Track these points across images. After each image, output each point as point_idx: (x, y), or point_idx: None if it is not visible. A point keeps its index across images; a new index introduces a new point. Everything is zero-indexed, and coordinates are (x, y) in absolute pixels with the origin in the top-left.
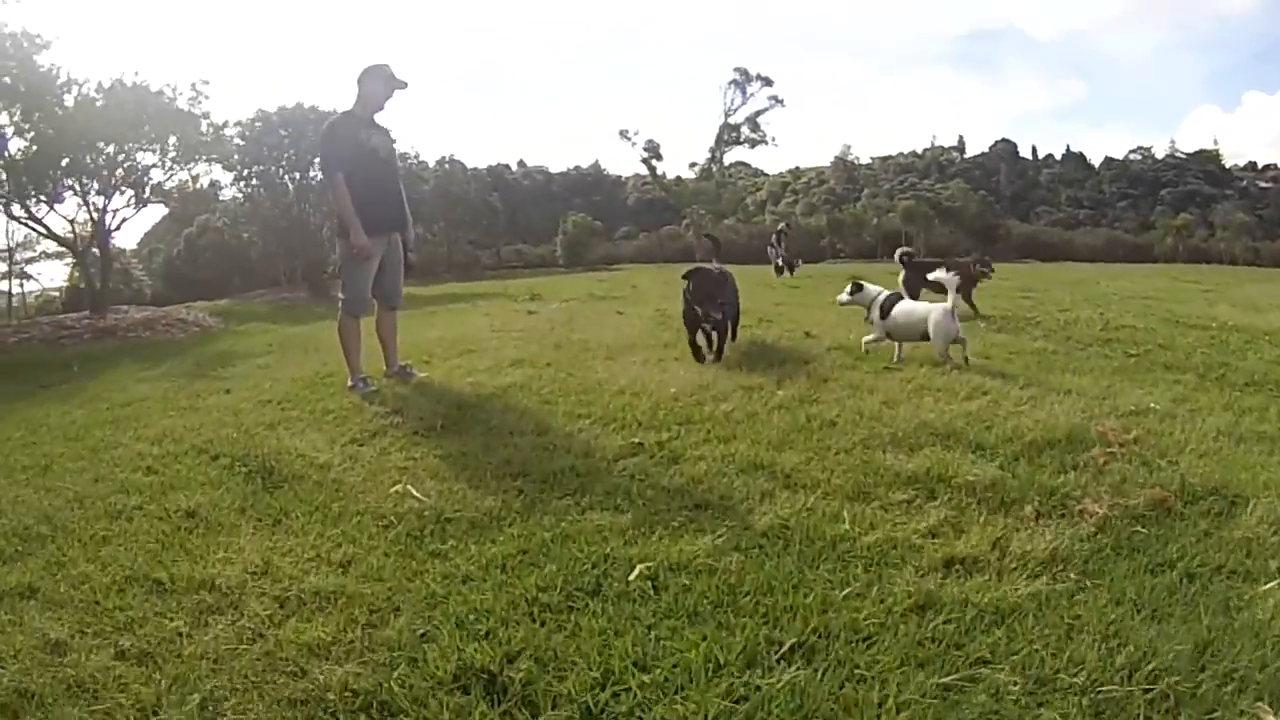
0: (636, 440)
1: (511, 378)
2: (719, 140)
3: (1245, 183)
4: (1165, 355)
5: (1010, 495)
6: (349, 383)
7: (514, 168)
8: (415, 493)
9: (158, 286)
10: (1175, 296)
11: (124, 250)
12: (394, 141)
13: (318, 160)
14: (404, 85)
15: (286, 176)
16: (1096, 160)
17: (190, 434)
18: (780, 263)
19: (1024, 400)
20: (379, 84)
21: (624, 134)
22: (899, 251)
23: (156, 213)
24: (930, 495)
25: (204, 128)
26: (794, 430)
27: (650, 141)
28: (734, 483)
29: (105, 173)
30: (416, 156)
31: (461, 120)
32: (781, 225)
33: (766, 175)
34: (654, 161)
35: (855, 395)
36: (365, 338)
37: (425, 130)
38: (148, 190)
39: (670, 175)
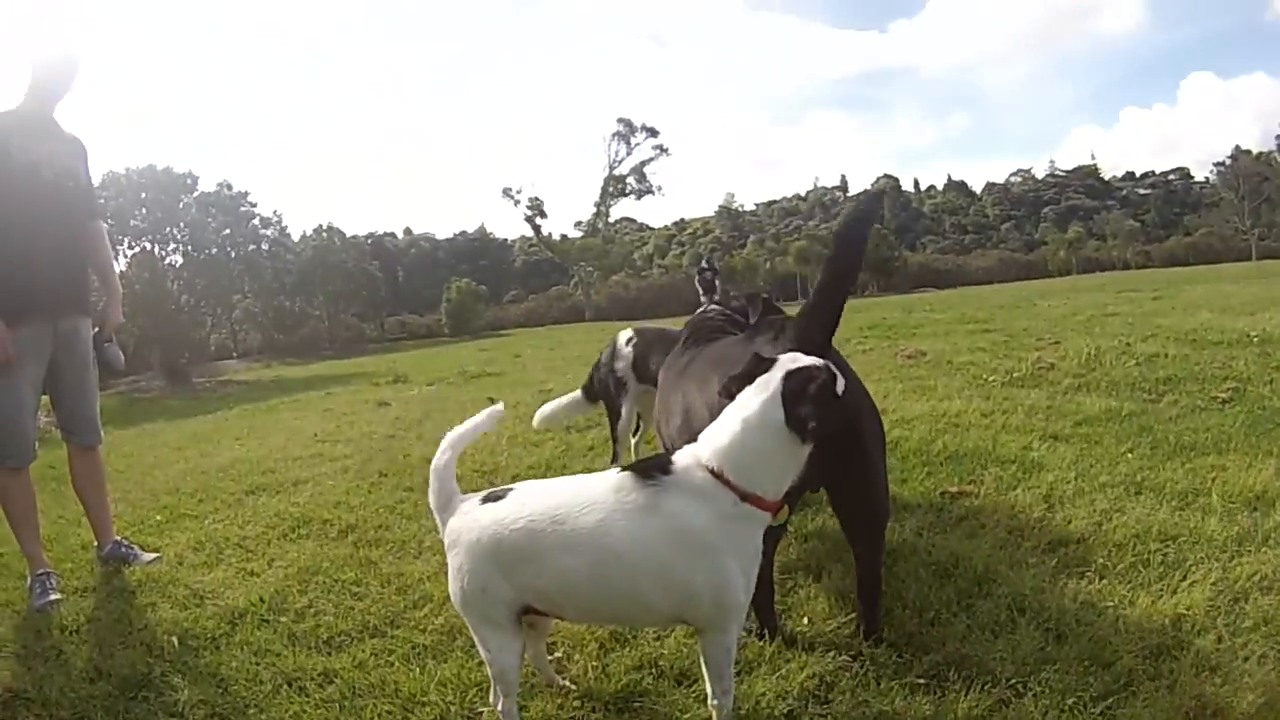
0: None
1: (265, 580)
2: (604, 193)
3: (1125, 191)
4: (1258, 394)
5: None
6: (28, 581)
7: (399, 235)
8: None
9: None
10: (1140, 309)
11: None
12: (81, 161)
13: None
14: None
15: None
16: (978, 187)
17: None
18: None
19: None
20: (57, 62)
21: (507, 192)
22: None
23: None
24: None
25: None
26: None
27: (534, 199)
28: None
29: None
30: (280, 223)
31: (340, 188)
32: (705, 263)
33: (652, 229)
34: (538, 220)
35: None
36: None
37: (300, 198)
38: None
39: (556, 234)
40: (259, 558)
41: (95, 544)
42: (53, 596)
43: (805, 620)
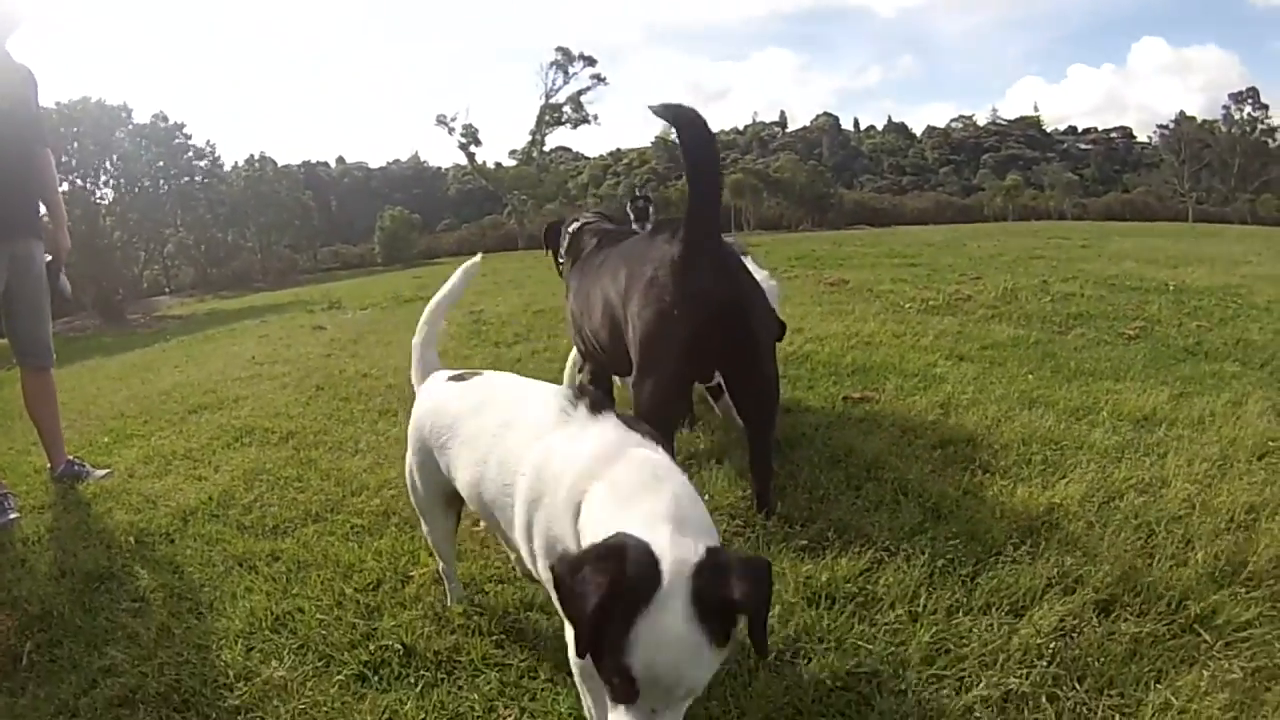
0: None
1: (213, 483)
2: (540, 122)
3: (1066, 145)
4: (1165, 333)
5: None
6: None
7: (332, 165)
8: None
9: None
10: (1066, 255)
11: None
12: (31, 90)
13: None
14: None
15: (71, 182)
16: (919, 130)
17: None
18: None
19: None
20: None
21: (441, 120)
22: None
23: None
24: None
25: None
26: None
27: (468, 127)
28: None
29: None
30: (214, 154)
31: (273, 116)
32: (638, 193)
33: (588, 159)
34: (473, 148)
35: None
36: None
37: (232, 127)
38: None
39: (490, 163)
40: (206, 465)
41: (49, 466)
42: (11, 515)
43: (706, 495)
